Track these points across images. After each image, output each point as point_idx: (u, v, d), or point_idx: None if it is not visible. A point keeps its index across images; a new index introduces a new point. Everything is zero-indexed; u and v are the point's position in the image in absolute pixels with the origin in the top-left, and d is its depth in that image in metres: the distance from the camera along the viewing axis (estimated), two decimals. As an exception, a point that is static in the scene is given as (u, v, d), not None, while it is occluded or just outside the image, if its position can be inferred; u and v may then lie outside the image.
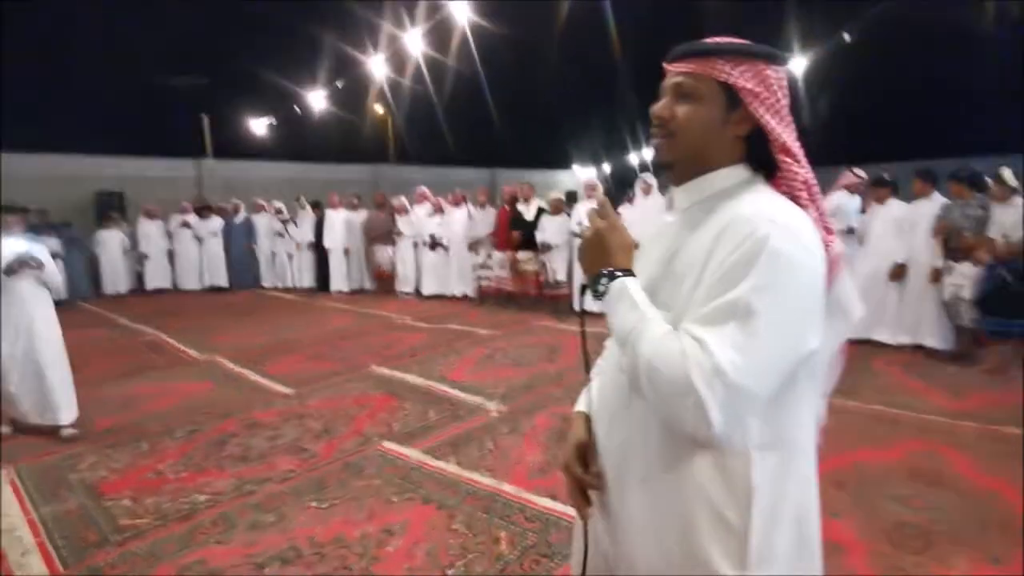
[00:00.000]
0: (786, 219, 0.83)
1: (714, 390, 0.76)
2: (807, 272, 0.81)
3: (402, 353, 5.58)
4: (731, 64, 0.91)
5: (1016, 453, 3.05)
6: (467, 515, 2.63)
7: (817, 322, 0.83)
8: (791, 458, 0.89)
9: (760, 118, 0.90)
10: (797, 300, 0.80)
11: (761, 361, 0.78)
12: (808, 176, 0.91)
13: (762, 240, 0.79)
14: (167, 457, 3.36)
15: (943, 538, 2.33)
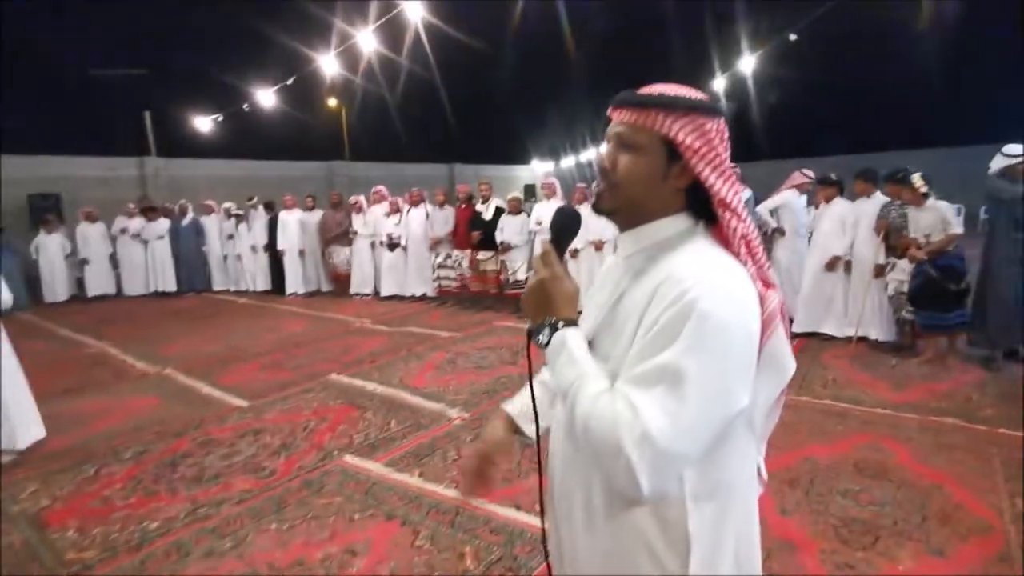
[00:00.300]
0: (718, 278, 0.84)
1: (643, 454, 0.78)
2: (736, 333, 0.81)
3: (361, 359, 5.49)
4: (672, 118, 0.91)
5: (955, 444, 3.23)
6: (431, 530, 2.62)
7: (747, 380, 0.84)
8: (729, 505, 0.91)
9: (699, 173, 0.91)
10: (725, 362, 0.81)
11: (690, 424, 0.79)
12: (746, 230, 0.91)
13: (692, 302, 0.80)
14: (115, 482, 3.22)
15: (889, 532, 2.45)
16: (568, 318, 0.95)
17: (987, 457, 3.06)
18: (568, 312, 0.95)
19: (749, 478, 0.96)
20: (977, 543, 2.36)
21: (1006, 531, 2.43)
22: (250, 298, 9.77)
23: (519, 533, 2.55)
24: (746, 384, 0.84)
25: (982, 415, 3.60)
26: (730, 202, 0.91)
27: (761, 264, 0.92)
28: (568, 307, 0.95)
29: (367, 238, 8.98)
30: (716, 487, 0.90)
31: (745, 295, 0.85)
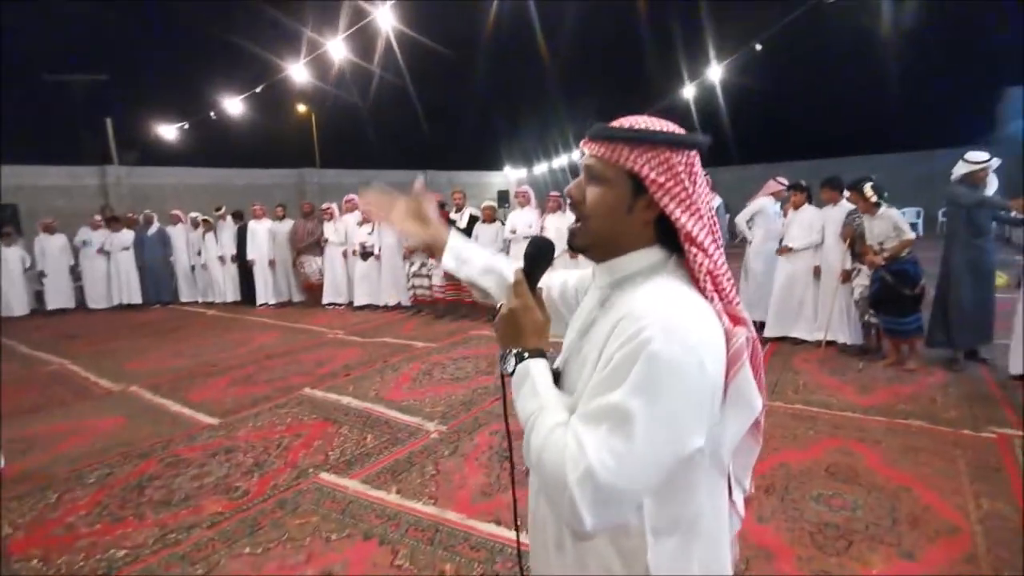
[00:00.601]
0: (675, 317, 0.82)
1: (584, 492, 0.78)
2: (687, 375, 0.80)
3: (336, 372, 5.41)
4: (638, 152, 0.91)
5: (921, 446, 3.32)
6: (411, 548, 2.58)
7: (699, 422, 0.82)
8: (692, 542, 0.90)
9: (664, 207, 0.91)
10: (673, 404, 0.80)
11: (634, 465, 0.79)
12: (712, 266, 0.90)
13: (643, 342, 0.79)
14: (78, 507, 3.10)
15: (861, 537, 2.50)
16: (534, 348, 0.96)
17: (952, 459, 3.16)
18: (535, 343, 0.97)
19: (717, 514, 0.94)
20: (945, 544, 2.43)
21: (973, 532, 2.50)
22: (219, 310, 9.56)
23: (500, 549, 2.54)
24: (699, 426, 0.82)
25: (946, 417, 3.71)
26: (695, 236, 0.90)
27: (729, 299, 0.90)
28: (535, 338, 0.97)
29: (339, 247, 8.88)
30: (677, 522, 0.89)
31: (703, 335, 0.83)
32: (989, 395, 4.06)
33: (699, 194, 0.92)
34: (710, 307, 0.88)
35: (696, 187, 0.91)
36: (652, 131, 0.91)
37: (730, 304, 0.90)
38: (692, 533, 0.90)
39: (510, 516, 2.79)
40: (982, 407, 3.84)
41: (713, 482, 0.92)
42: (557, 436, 0.84)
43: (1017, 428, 3.48)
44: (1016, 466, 3.05)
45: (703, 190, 0.93)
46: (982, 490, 2.82)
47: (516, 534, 1.16)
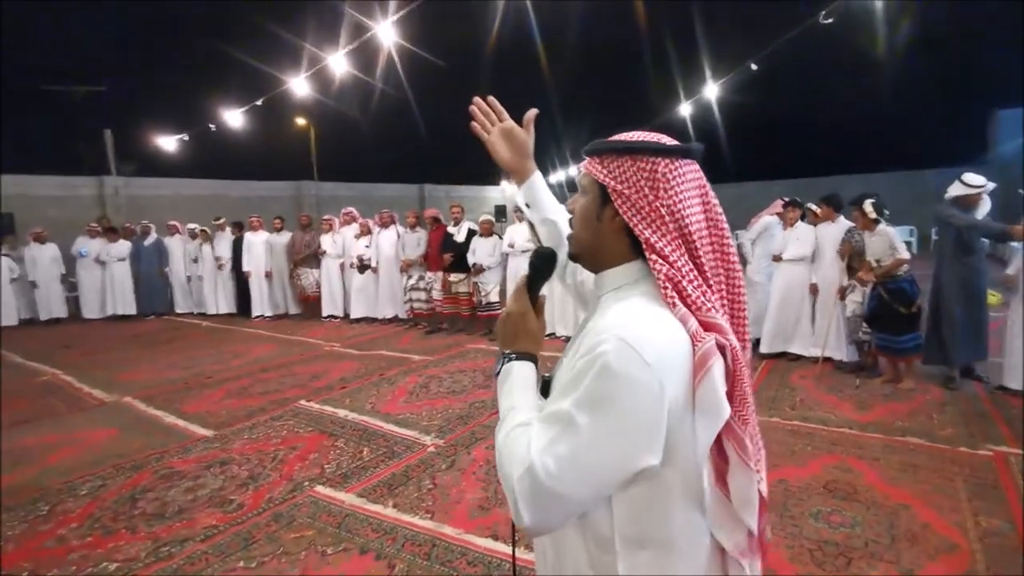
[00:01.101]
0: (634, 333, 0.82)
1: (523, 488, 0.82)
2: (641, 392, 0.79)
3: (332, 384, 5.38)
4: (604, 162, 0.95)
5: (919, 463, 3.32)
6: (407, 563, 2.55)
7: (650, 440, 0.81)
8: (664, 558, 0.88)
9: (624, 215, 0.92)
10: (623, 419, 0.80)
11: (574, 472, 0.81)
12: (673, 273, 0.89)
13: (599, 355, 0.81)
14: (70, 520, 3.05)
15: (860, 554, 2.49)
16: (521, 351, 0.99)
17: (950, 476, 3.16)
18: (523, 346, 1.00)
19: (693, 535, 0.90)
20: (945, 562, 2.42)
21: (972, 549, 2.49)
22: (214, 321, 9.51)
23: (497, 564, 2.51)
24: (649, 444, 0.81)
25: (943, 434, 3.72)
26: (654, 244, 0.90)
27: (697, 305, 0.88)
28: (525, 341, 1.00)
29: (337, 259, 8.87)
30: (647, 538, 0.87)
31: (662, 352, 0.81)
32: (985, 413, 4.07)
33: (665, 202, 0.90)
34: (673, 320, 0.86)
35: (661, 194, 0.90)
36: (614, 141, 0.95)
37: (699, 310, 0.87)
38: (665, 550, 0.88)
39: (508, 531, 2.76)
40: (979, 425, 3.85)
41: (685, 496, 0.87)
42: (515, 435, 0.87)
43: (1014, 446, 3.49)
44: (1013, 483, 3.05)
45: (678, 199, 0.91)
46: (980, 507, 2.82)
47: (512, 549, 1.16)
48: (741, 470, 0.87)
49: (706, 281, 0.91)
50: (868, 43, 11.64)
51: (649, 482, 0.84)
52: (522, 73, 17.60)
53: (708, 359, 0.82)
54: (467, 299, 7.57)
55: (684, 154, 0.94)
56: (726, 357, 0.85)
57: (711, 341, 0.83)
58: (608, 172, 0.94)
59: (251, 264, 9.29)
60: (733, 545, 0.89)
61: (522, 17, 10.80)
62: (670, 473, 0.84)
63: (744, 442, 0.87)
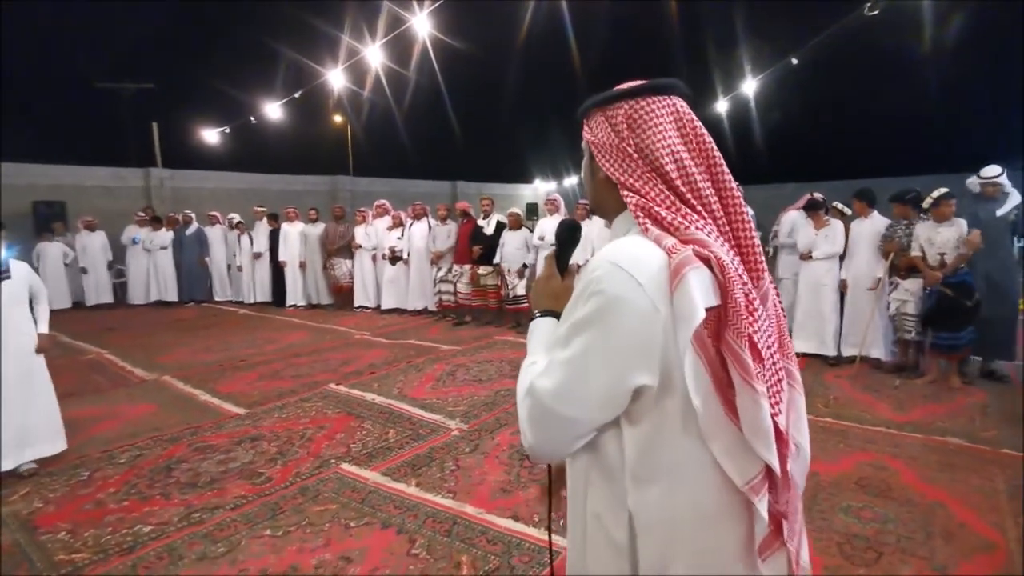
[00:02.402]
0: (621, 258, 0.84)
1: (524, 407, 0.89)
2: (632, 312, 0.81)
3: (361, 370, 5.46)
4: (587, 122, 1.03)
5: (958, 464, 3.20)
6: (428, 539, 2.58)
7: (643, 359, 0.82)
8: (676, 491, 0.86)
9: (601, 163, 0.98)
10: (614, 338, 0.82)
11: (568, 388, 0.85)
12: (643, 202, 0.91)
13: (592, 281, 0.85)
14: (108, 485, 3.18)
15: (891, 549, 2.41)
16: (545, 309, 1.07)
17: (990, 477, 3.03)
18: (547, 305, 1.07)
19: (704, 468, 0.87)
20: (980, 561, 2.33)
21: (1009, 550, 2.39)
22: (250, 309, 9.77)
23: (516, 543, 2.52)
24: (642, 363, 0.82)
25: (985, 436, 3.57)
26: (625, 181, 0.94)
27: (674, 226, 0.88)
28: (548, 301, 1.07)
29: (370, 251, 9.01)
30: (657, 470, 0.86)
31: (641, 274, 0.82)
32: (1032, 416, 3.89)
33: (631, 141, 0.94)
34: (652, 247, 0.86)
35: (625, 135, 0.94)
36: (589, 100, 1.01)
37: (676, 231, 0.87)
38: (676, 482, 0.86)
39: (529, 513, 2.77)
40: (1022, 428, 3.68)
41: (692, 432, 0.85)
42: (525, 371, 0.95)
43: (1062, 450, 3.33)
44: (1060, 487, 2.91)
45: (641, 135, 0.93)
46: (1021, 508, 2.70)
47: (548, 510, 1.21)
48: (745, 391, 0.83)
49: (688, 205, 0.91)
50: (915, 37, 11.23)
51: (654, 414, 0.85)
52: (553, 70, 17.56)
53: (682, 268, 0.81)
54: (495, 292, 7.60)
55: (653, 91, 0.96)
56: (712, 269, 0.84)
57: (687, 251, 0.83)
58: (589, 130, 1.01)
59: (287, 254, 9.50)
60: (741, 478, 0.85)
61: (556, 13, 10.79)
62: (670, 402, 0.84)
63: (742, 358, 0.82)
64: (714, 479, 0.87)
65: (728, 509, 0.88)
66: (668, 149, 0.92)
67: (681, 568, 0.87)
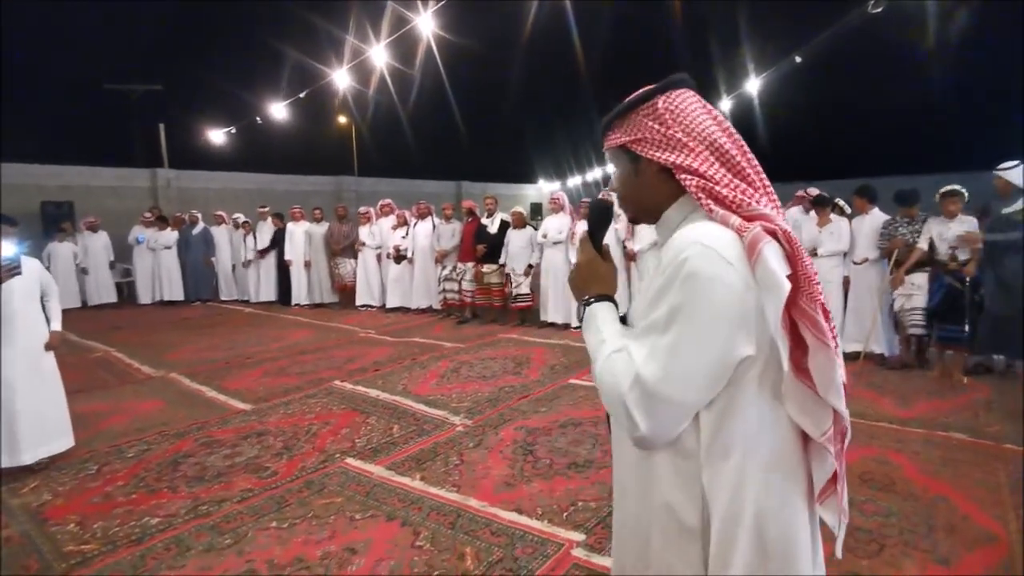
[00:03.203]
0: (706, 240, 0.88)
1: (634, 395, 0.88)
2: (720, 287, 0.85)
3: (366, 367, 5.50)
4: (615, 130, 1.06)
5: (961, 458, 3.20)
6: (432, 531, 2.60)
7: (737, 332, 0.86)
8: (747, 465, 0.90)
9: (651, 156, 1.00)
10: (714, 312, 0.85)
11: (677, 370, 0.86)
12: (702, 182, 0.94)
13: (681, 263, 0.87)
14: (117, 479, 3.22)
15: (895, 542, 2.42)
16: (599, 293, 1.07)
17: (993, 471, 3.03)
18: (599, 289, 1.08)
19: (774, 442, 0.93)
20: (982, 553, 2.33)
21: (1011, 542, 2.39)
22: (256, 308, 9.82)
23: (520, 536, 2.54)
24: (743, 334, 0.86)
25: (989, 431, 3.57)
26: (682, 164, 0.96)
27: (737, 204, 0.92)
28: (599, 285, 1.08)
29: (374, 250, 9.05)
30: (731, 445, 0.90)
31: (730, 253, 0.87)
32: (1036, 412, 3.89)
33: (675, 129, 0.98)
34: (723, 230, 0.90)
35: (670, 123, 0.98)
36: (621, 104, 1.04)
37: (739, 208, 0.92)
38: (748, 457, 0.90)
39: (532, 506, 2.79)
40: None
41: (764, 404, 0.91)
42: (614, 358, 0.94)
43: (1066, 445, 3.32)
44: (1064, 481, 2.91)
45: (688, 122, 0.98)
46: (1022, 502, 2.70)
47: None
48: (821, 350, 0.88)
49: (745, 180, 0.96)
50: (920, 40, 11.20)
51: (733, 385, 0.89)
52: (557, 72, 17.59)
53: (757, 243, 0.86)
54: (499, 290, 7.62)
55: (673, 86, 1.02)
56: (780, 240, 0.88)
57: (756, 227, 0.87)
58: (622, 134, 1.04)
59: (292, 253, 9.55)
60: (820, 432, 0.91)
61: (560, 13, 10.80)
62: (751, 372, 0.89)
63: (816, 319, 0.88)
64: (782, 441, 0.93)
65: (792, 466, 0.95)
66: (715, 126, 0.98)
67: (746, 540, 0.90)
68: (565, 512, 2.74)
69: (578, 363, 5.44)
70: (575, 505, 2.80)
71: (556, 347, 6.16)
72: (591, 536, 2.52)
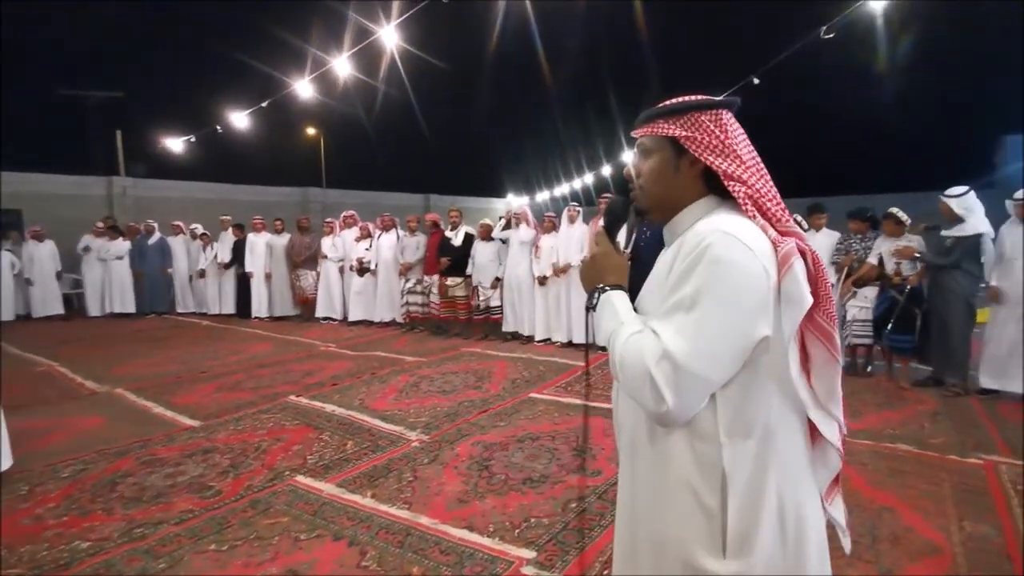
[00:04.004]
0: (729, 229, 0.95)
1: (663, 371, 0.91)
2: (742, 271, 0.92)
3: (323, 382, 5.37)
4: (669, 121, 1.09)
5: (907, 470, 3.27)
6: (379, 551, 2.53)
7: (759, 312, 0.93)
8: (767, 447, 0.96)
9: (702, 157, 1.06)
10: (737, 292, 0.92)
11: (704, 346, 0.91)
12: (752, 192, 1.02)
13: (704, 248, 0.93)
14: (48, 500, 3.05)
15: (839, 553, 2.43)
16: (614, 283, 1.12)
17: (937, 482, 3.11)
18: (614, 279, 1.13)
19: (792, 425, 1.00)
20: (926, 564, 2.37)
21: (954, 553, 2.44)
22: (213, 320, 9.55)
23: (470, 554, 2.48)
24: (759, 316, 0.93)
25: (934, 443, 3.66)
26: (733, 173, 1.03)
27: (776, 218, 1.01)
28: (614, 275, 1.13)
29: (336, 262, 8.91)
30: (751, 426, 0.96)
31: (756, 243, 0.94)
32: (979, 423, 4.02)
33: (733, 141, 1.05)
34: (755, 226, 0.98)
35: (728, 136, 1.05)
36: (678, 101, 1.09)
37: (779, 222, 1.00)
38: (768, 439, 0.96)
39: (484, 523, 2.74)
40: (971, 434, 3.79)
41: (780, 387, 0.97)
42: (635, 339, 0.97)
43: (1006, 455, 3.43)
44: (1002, 491, 3.00)
45: (739, 140, 1.06)
46: (967, 513, 2.77)
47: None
48: (829, 363, 0.98)
49: (780, 201, 1.04)
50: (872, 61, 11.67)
51: (743, 374, 0.95)
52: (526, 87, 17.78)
53: (790, 257, 0.93)
54: (464, 303, 7.57)
55: (733, 107, 1.10)
56: (807, 260, 0.96)
57: (791, 243, 0.95)
58: (679, 127, 1.07)
59: (253, 265, 9.34)
60: (834, 436, 1.02)
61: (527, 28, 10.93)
62: (764, 359, 0.95)
63: (832, 335, 0.96)
64: (799, 431, 1.00)
65: (805, 459, 1.02)
66: (752, 154, 1.06)
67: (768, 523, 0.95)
68: (517, 529, 2.69)
69: (539, 377, 5.43)
70: (528, 521, 2.76)
71: (519, 361, 6.14)
72: (542, 553, 2.48)
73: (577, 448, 3.61)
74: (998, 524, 2.67)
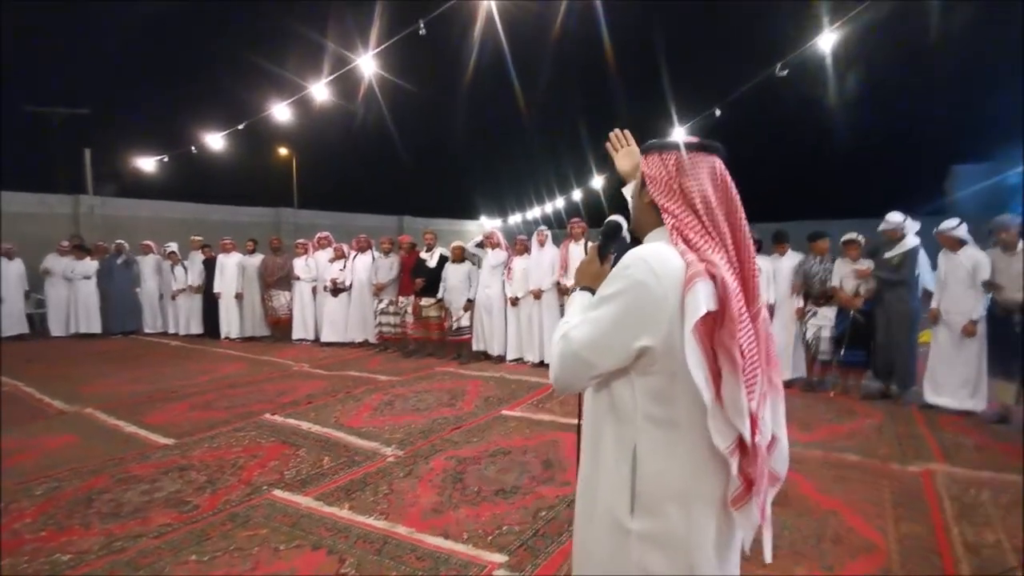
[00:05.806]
0: (646, 254, 1.15)
1: (557, 349, 1.20)
2: (640, 288, 1.12)
3: (298, 400, 5.43)
4: (648, 157, 1.30)
5: (852, 477, 3.51)
6: (358, 558, 2.63)
7: (644, 325, 1.11)
8: (675, 438, 1.15)
9: (650, 191, 1.27)
10: (628, 304, 1.13)
11: (593, 339, 1.15)
12: (677, 223, 1.20)
13: (623, 267, 1.16)
14: (24, 516, 3.07)
15: (785, 552, 2.64)
16: (584, 286, 1.37)
17: (879, 488, 3.36)
18: (587, 282, 1.37)
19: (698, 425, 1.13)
20: (864, 560, 2.59)
21: (889, 550, 2.67)
22: (183, 341, 9.46)
23: (445, 559, 2.61)
24: (650, 328, 1.11)
25: (879, 453, 3.93)
26: (664, 205, 1.23)
27: (697, 247, 1.17)
28: (588, 280, 1.37)
29: (309, 283, 8.95)
30: (664, 419, 1.15)
31: (658, 268, 1.12)
32: (920, 435, 4.31)
33: (679, 180, 1.22)
34: (674, 251, 1.16)
35: (675, 175, 1.23)
36: (654, 142, 1.31)
37: (697, 251, 1.16)
38: (676, 431, 1.15)
39: (459, 530, 2.87)
40: (912, 445, 4.08)
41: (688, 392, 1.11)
42: (564, 325, 1.23)
43: (942, 463, 3.72)
44: (936, 495, 3.26)
45: (687, 179, 1.21)
46: (903, 514, 3.01)
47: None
48: (731, 378, 1.10)
49: (708, 234, 1.18)
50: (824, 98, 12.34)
51: (664, 372, 1.13)
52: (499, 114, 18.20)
53: (694, 278, 1.09)
54: (437, 323, 7.69)
55: (701, 149, 1.25)
56: (716, 284, 1.10)
57: (701, 266, 1.11)
58: (647, 163, 1.29)
59: (222, 286, 9.31)
60: (723, 444, 1.12)
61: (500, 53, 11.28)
62: (678, 365, 1.10)
63: (732, 353, 1.09)
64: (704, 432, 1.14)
65: (714, 465, 1.16)
66: (700, 192, 1.21)
67: (674, 508, 1.14)
68: (490, 536, 2.83)
69: (512, 395, 5.58)
70: (500, 529, 2.90)
71: (491, 380, 6.28)
72: (513, 557, 2.62)
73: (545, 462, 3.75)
74: (930, 525, 2.91)
